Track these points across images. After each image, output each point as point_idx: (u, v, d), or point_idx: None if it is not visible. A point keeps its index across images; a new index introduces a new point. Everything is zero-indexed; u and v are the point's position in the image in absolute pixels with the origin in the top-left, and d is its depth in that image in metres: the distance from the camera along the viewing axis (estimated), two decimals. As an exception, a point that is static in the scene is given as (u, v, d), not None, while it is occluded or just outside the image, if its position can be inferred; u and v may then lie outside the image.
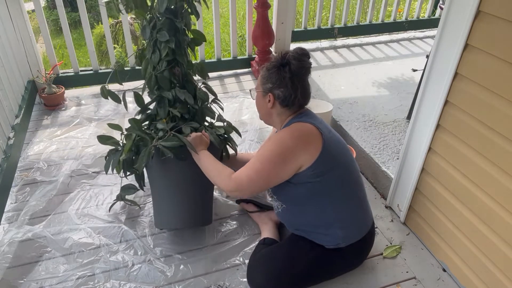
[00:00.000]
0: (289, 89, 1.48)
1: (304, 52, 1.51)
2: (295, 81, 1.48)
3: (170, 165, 1.66)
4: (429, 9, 3.79)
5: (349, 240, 1.54)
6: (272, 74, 1.50)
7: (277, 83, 1.49)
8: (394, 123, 2.42)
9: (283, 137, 1.45)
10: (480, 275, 1.51)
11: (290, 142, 1.43)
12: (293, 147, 1.42)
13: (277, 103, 1.52)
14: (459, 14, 1.38)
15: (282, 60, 1.49)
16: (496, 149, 1.34)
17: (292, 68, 1.47)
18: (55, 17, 5.60)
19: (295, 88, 1.48)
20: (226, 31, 5.18)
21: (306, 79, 1.52)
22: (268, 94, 1.52)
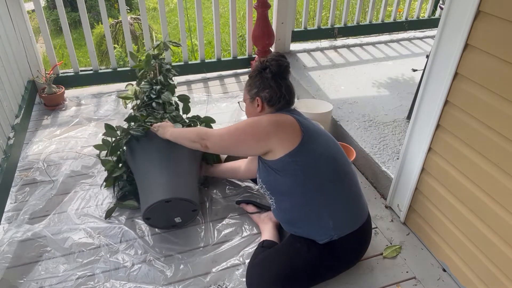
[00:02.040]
0: (273, 88, 1.61)
1: (280, 54, 1.66)
2: (277, 79, 1.62)
3: (145, 144, 1.89)
4: (429, 9, 3.79)
5: (340, 231, 1.52)
6: (255, 79, 1.64)
7: (262, 86, 1.62)
8: (394, 123, 2.42)
9: (261, 117, 1.58)
10: (480, 275, 1.51)
11: (265, 123, 1.55)
12: (266, 127, 1.54)
13: (265, 105, 1.64)
14: (459, 14, 1.38)
15: (261, 65, 1.63)
16: (496, 149, 1.34)
17: (272, 69, 1.61)
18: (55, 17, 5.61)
19: (279, 86, 1.62)
20: (226, 31, 5.18)
21: (288, 77, 1.66)
22: (256, 98, 1.64)
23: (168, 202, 1.71)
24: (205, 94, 3.02)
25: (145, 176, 1.81)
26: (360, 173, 2.25)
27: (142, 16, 2.96)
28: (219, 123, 2.59)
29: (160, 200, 1.69)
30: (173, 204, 1.73)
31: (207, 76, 3.25)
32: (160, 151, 1.87)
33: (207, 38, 5.18)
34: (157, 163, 1.83)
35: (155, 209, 1.72)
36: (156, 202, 1.69)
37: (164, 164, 1.83)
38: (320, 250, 1.54)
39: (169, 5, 6.91)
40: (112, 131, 1.99)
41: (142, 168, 1.85)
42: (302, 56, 3.29)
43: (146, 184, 1.79)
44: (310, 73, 3.02)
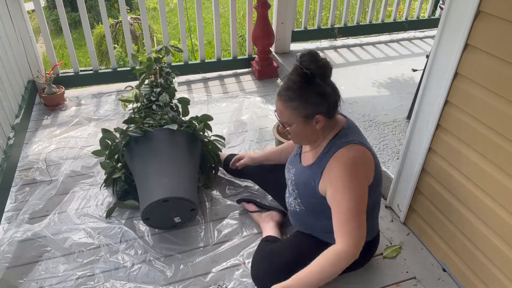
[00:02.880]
0: (331, 98, 1.35)
1: (314, 53, 1.36)
2: (332, 85, 1.36)
3: (143, 146, 1.89)
4: (429, 9, 3.79)
5: (374, 233, 1.58)
6: (307, 96, 1.32)
7: (319, 99, 1.33)
8: (394, 123, 2.42)
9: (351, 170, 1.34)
10: (480, 275, 1.51)
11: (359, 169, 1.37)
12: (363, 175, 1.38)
13: (326, 119, 1.38)
14: (459, 14, 1.38)
15: (305, 77, 1.31)
16: (496, 149, 1.34)
17: (321, 76, 1.33)
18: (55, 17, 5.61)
19: (335, 90, 1.37)
20: (226, 31, 5.18)
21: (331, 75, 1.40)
22: (315, 117, 1.35)
23: (166, 201, 1.71)
24: (205, 94, 3.02)
25: (143, 177, 1.81)
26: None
27: (142, 16, 2.96)
28: (219, 123, 2.60)
29: (158, 199, 1.69)
30: (171, 203, 1.73)
31: (207, 76, 3.25)
32: (158, 152, 1.88)
33: (207, 38, 5.18)
34: (155, 164, 1.83)
35: (153, 209, 1.72)
36: (153, 202, 1.69)
37: (162, 164, 1.83)
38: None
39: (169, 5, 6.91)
40: (109, 134, 1.98)
41: (140, 169, 1.85)
42: (302, 56, 3.28)
43: (144, 184, 1.79)
44: (310, 73, 3.01)
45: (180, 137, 1.95)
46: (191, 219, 1.87)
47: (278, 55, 3.28)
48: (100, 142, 2.05)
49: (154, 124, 1.96)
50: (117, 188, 2.05)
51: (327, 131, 1.43)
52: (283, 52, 3.32)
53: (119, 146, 1.96)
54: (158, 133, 1.92)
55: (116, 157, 2.02)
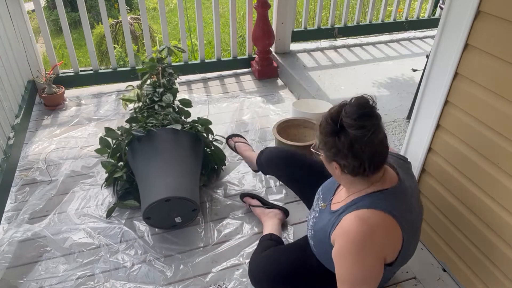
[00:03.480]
0: (352, 160, 1.17)
1: (366, 111, 1.17)
2: (358, 150, 1.15)
3: (146, 145, 1.88)
4: (429, 9, 3.79)
5: None
6: (328, 141, 1.20)
7: (338, 153, 1.19)
8: (394, 123, 2.42)
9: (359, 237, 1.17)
10: (480, 275, 1.51)
11: (371, 242, 1.18)
12: (375, 247, 1.19)
13: (346, 173, 1.22)
14: (459, 14, 1.38)
15: (335, 127, 1.17)
16: (496, 149, 1.34)
17: (350, 137, 1.15)
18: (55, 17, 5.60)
19: (360, 158, 1.16)
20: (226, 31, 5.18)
21: (377, 141, 1.17)
22: (332, 162, 1.23)
23: (168, 201, 1.71)
24: (205, 94, 3.02)
25: (146, 176, 1.81)
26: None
27: (142, 16, 2.96)
28: (220, 123, 2.60)
29: (160, 199, 1.69)
30: (173, 203, 1.73)
31: (207, 76, 3.25)
32: (162, 152, 1.88)
33: (207, 38, 5.18)
34: (158, 163, 1.83)
35: (155, 208, 1.72)
36: (156, 201, 1.69)
37: (166, 164, 1.83)
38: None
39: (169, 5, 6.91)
40: (112, 132, 1.99)
41: (143, 168, 1.85)
42: (302, 56, 3.29)
43: (146, 184, 1.79)
44: (310, 73, 3.02)
45: (183, 137, 1.96)
46: (192, 220, 1.87)
47: (278, 55, 3.28)
48: (100, 140, 2.06)
49: (157, 124, 1.97)
50: (117, 188, 2.05)
51: (358, 185, 1.26)
52: (283, 52, 3.32)
53: (122, 145, 1.96)
54: (162, 132, 1.92)
55: (117, 156, 2.02)
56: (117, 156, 2.02)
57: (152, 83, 2.28)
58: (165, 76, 2.32)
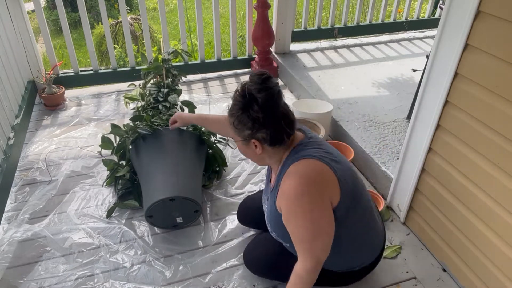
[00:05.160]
0: (271, 127, 1.25)
1: (264, 76, 1.25)
2: (272, 115, 1.24)
3: (151, 144, 1.89)
4: (429, 9, 3.79)
5: (362, 264, 1.48)
6: (243, 119, 1.26)
7: (254, 126, 1.25)
8: (394, 123, 2.42)
9: (297, 191, 1.24)
10: (480, 275, 1.51)
11: (309, 190, 1.24)
12: (315, 192, 1.24)
13: (266, 146, 1.30)
14: (459, 14, 1.38)
15: (244, 100, 1.24)
16: (496, 149, 1.34)
17: (260, 103, 1.23)
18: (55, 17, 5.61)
19: (278, 122, 1.26)
20: (226, 31, 5.18)
21: (282, 103, 1.28)
22: (251, 141, 1.29)
23: (172, 200, 1.71)
24: (205, 94, 3.02)
25: (150, 175, 1.82)
26: (360, 173, 2.25)
27: (142, 16, 2.96)
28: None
29: (165, 198, 1.69)
30: (176, 203, 1.73)
31: (207, 76, 3.25)
32: (166, 151, 1.88)
33: (207, 38, 5.18)
34: (162, 163, 1.83)
35: (158, 207, 1.72)
36: (160, 200, 1.69)
37: (170, 164, 1.83)
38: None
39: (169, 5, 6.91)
40: (118, 129, 2.01)
41: (147, 167, 1.85)
42: (302, 56, 3.29)
43: (150, 182, 1.79)
44: (310, 73, 3.02)
45: (188, 138, 1.97)
46: (193, 221, 1.87)
47: (278, 55, 3.28)
48: (101, 138, 2.06)
49: (161, 124, 1.98)
50: (118, 187, 2.05)
51: (278, 156, 1.34)
52: (283, 52, 3.32)
53: (127, 142, 1.97)
54: (168, 132, 1.94)
55: (119, 154, 2.03)
56: (120, 154, 2.03)
57: (157, 83, 2.29)
58: (169, 76, 2.33)
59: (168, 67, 2.37)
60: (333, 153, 1.34)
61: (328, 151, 1.33)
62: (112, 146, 2.07)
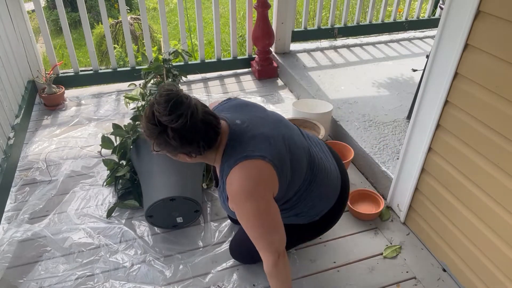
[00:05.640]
0: (195, 142, 1.24)
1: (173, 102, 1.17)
2: (193, 133, 1.21)
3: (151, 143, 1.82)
4: (429, 9, 3.79)
5: (321, 212, 1.52)
6: (161, 142, 1.23)
7: (176, 148, 1.24)
8: (394, 123, 2.42)
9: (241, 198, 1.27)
10: (480, 275, 1.51)
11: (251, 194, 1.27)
12: (257, 195, 1.27)
13: (195, 156, 1.30)
14: (459, 14, 1.38)
15: (158, 128, 1.20)
16: (496, 149, 1.34)
17: (176, 131, 1.19)
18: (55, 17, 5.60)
19: (196, 140, 1.23)
20: (226, 31, 5.18)
21: (200, 116, 1.22)
22: (178, 155, 1.29)
23: (173, 200, 1.71)
24: (205, 94, 3.02)
25: (150, 175, 1.82)
26: (360, 173, 2.25)
27: (142, 16, 2.96)
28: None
29: (165, 197, 1.69)
30: (177, 203, 1.73)
31: (207, 76, 3.25)
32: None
33: (207, 38, 5.17)
34: (163, 163, 1.83)
35: (159, 207, 1.72)
36: (160, 200, 1.69)
37: (170, 164, 1.83)
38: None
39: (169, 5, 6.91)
40: (120, 130, 2.01)
41: (147, 167, 1.86)
42: (302, 56, 3.29)
43: (151, 182, 1.79)
44: (310, 73, 3.02)
45: None
46: (193, 221, 1.87)
47: (278, 55, 3.28)
48: (102, 138, 2.06)
49: None
50: (118, 187, 2.05)
51: (211, 156, 1.34)
52: (283, 52, 3.31)
53: (128, 142, 1.97)
54: None
55: (120, 154, 2.03)
56: (121, 154, 2.03)
57: (157, 83, 2.29)
58: (169, 76, 2.33)
59: (168, 67, 2.37)
60: (263, 134, 1.33)
61: (257, 136, 1.32)
62: (113, 145, 2.07)
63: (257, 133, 1.33)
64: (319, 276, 1.68)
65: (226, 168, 1.30)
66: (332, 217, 1.60)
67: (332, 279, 1.66)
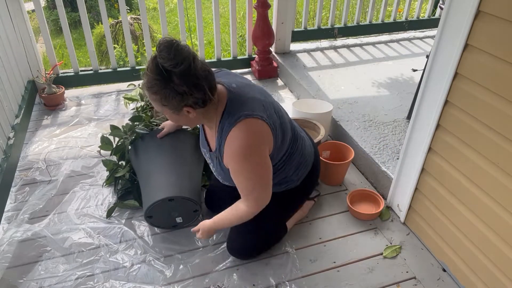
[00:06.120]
0: (198, 92, 1.29)
1: (176, 47, 1.23)
2: (196, 80, 1.28)
3: (150, 144, 1.90)
4: (429, 9, 3.79)
5: (301, 178, 1.69)
6: (168, 93, 1.28)
7: (184, 96, 1.29)
8: (394, 123, 2.42)
9: (242, 155, 1.38)
10: (480, 275, 1.51)
11: (252, 152, 1.39)
12: (257, 152, 1.40)
13: (198, 108, 1.35)
14: (459, 14, 1.38)
15: (162, 76, 1.25)
16: (496, 149, 1.34)
17: (180, 76, 1.25)
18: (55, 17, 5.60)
19: (200, 85, 1.29)
20: (226, 31, 5.18)
21: (199, 65, 1.29)
22: (183, 109, 1.33)
23: (171, 200, 1.71)
24: (205, 94, 3.01)
25: (149, 175, 1.82)
26: (360, 173, 2.25)
27: (142, 16, 2.96)
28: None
29: (164, 198, 1.69)
30: (176, 203, 1.73)
31: (207, 76, 3.24)
32: (165, 152, 1.88)
33: (207, 38, 5.17)
34: (161, 163, 1.83)
35: (158, 207, 1.72)
36: (159, 200, 1.69)
37: (169, 164, 1.84)
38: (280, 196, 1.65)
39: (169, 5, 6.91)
40: (117, 131, 2.01)
41: (146, 167, 1.85)
42: (302, 56, 3.29)
43: (149, 182, 1.79)
44: (310, 73, 3.02)
45: (187, 138, 1.97)
46: (193, 221, 1.87)
47: (278, 55, 3.28)
48: (101, 139, 2.06)
49: (160, 124, 1.98)
50: (118, 187, 2.05)
51: (211, 113, 1.41)
52: (283, 52, 3.32)
53: (126, 143, 1.97)
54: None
55: (119, 155, 2.03)
56: (120, 154, 2.03)
57: None
58: None
59: None
60: (257, 98, 1.45)
61: (252, 98, 1.44)
62: (112, 147, 2.07)
63: (252, 96, 1.45)
64: (319, 276, 1.68)
65: (227, 125, 1.39)
66: (309, 183, 1.77)
67: (332, 279, 1.66)
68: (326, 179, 2.16)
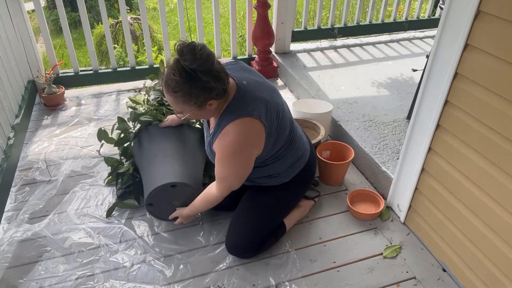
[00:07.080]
0: (218, 83, 1.41)
1: (196, 47, 1.35)
2: (215, 73, 1.40)
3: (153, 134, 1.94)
4: (429, 9, 3.79)
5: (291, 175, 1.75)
6: (193, 91, 1.39)
7: (210, 90, 1.40)
8: (394, 123, 2.42)
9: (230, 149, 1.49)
10: (480, 275, 1.51)
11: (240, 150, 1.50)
12: (245, 151, 1.51)
13: (218, 100, 1.47)
14: (459, 14, 1.38)
15: (188, 75, 1.36)
16: (496, 149, 1.34)
17: (206, 73, 1.37)
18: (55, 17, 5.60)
19: (221, 77, 1.42)
20: (226, 31, 5.18)
21: (215, 58, 1.42)
22: (209, 101, 1.44)
23: (174, 187, 1.70)
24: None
25: (151, 165, 1.82)
26: (360, 173, 2.25)
27: (142, 16, 2.96)
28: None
29: (166, 183, 1.68)
30: (177, 190, 1.71)
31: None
32: (168, 142, 1.90)
33: (207, 38, 5.17)
34: (164, 153, 1.84)
35: (160, 193, 1.69)
36: (162, 185, 1.67)
37: (172, 154, 1.84)
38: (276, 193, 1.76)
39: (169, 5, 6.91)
40: (124, 123, 2.02)
41: (148, 157, 1.86)
42: (302, 56, 3.29)
43: (152, 171, 1.79)
44: (310, 73, 3.02)
45: (191, 132, 1.99)
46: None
47: (278, 55, 3.28)
48: (98, 134, 2.06)
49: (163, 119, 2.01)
50: (120, 184, 2.05)
51: (223, 102, 1.51)
52: (283, 52, 3.32)
53: (129, 137, 2.00)
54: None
55: (122, 149, 2.03)
56: (123, 148, 2.03)
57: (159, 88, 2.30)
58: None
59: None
60: (263, 98, 1.52)
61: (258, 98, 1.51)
62: (114, 139, 2.06)
63: (258, 96, 1.52)
64: (319, 276, 1.68)
65: (226, 119, 1.48)
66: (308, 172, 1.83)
67: (332, 279, 1.66)
68: (326, 179, 2.16)
